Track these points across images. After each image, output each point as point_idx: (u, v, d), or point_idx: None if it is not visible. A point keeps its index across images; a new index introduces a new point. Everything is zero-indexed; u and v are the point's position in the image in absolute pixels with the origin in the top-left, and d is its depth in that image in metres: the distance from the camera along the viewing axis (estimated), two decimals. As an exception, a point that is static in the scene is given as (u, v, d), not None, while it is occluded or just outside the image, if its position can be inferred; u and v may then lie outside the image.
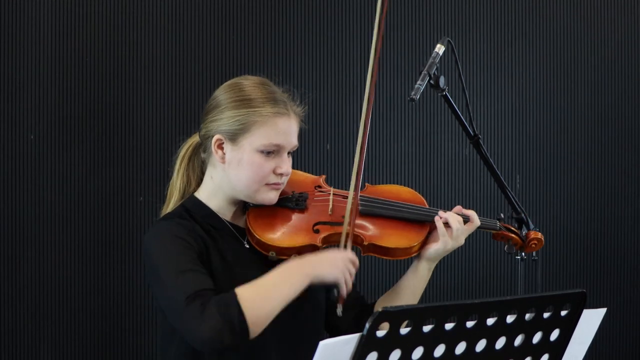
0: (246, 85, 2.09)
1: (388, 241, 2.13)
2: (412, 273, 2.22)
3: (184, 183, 2.19)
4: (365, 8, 3.46)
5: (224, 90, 2.12)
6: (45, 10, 3.26)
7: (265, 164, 2.05)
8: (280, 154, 2.06)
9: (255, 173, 2.05)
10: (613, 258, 3.67)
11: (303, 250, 2.08)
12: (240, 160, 2.05)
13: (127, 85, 3.32)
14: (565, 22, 3.63)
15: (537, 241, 2.35)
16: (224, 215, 2.13)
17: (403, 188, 2.31)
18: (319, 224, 2.12)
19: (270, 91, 2.09)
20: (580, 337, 1.75)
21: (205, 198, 2.12)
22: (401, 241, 2.14)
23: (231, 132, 2.05)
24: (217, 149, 2.07)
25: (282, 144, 2.06)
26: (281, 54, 3.42)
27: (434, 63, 2.21)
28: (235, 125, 2.04)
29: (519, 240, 2.34)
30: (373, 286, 3.44)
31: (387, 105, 3.49)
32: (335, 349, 1.48)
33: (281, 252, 2.07)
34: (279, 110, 2.06)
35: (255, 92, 2.08)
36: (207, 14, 3.38)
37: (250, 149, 2.04)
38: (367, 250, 2.15)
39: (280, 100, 2.08)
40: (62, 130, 3.27)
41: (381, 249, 2.14)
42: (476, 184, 3.53)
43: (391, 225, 2.17)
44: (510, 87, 3.59)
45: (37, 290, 3.25)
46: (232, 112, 2.05)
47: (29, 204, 3.24)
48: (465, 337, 1.57)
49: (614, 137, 3.67)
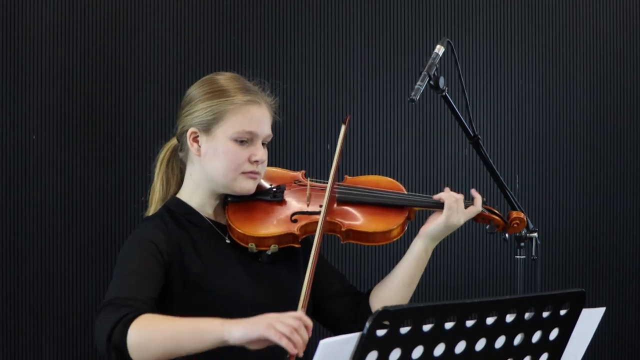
0: (219, 79, 2.16)
1: (366, 226, 2.15)
2: (408, 253, 2.21)
3: (163, 186, 2.22)
4: (365, 8, 3.47)
5: (197, 86, 2.18)
6: (47, 11, 3.27)
7: (240, 152, 2.08)
8: (254, 142, 2.10)
9: (230, 161, 2.08)
10: (612, 257, 3.68)
11: (282, 239, 2.11)
12: (215, 149, 2.09)
13: (128, 85, 3.32)
14: (564, 23, 3.64)
15: (520, 221, 2.33)
16: (205, 212, 2.16)
17: (382, 177, 2.33)
18: (296, 214, 2.14)
19: (242, 82, 2.16)
20: (580, 336, 1.75)
21: (186, 197, 2.16)
22: (379, 225, 2.15)
23: (205, 123, 2.10)
24: (193, 142, 2.12)
25: (255, 132, 2.10)
26: (280, 55, 3.43)
27: (433, 64, 2.22)
28: (209, 116, 2.09)
29: (501, 221, 2.32)
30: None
31: (387, 105, 3.49)
32: (335, 348, 1.48)
33: (260, 243, 2.09)
34: (251, 99, 2.11)
35: (227, 83, 2.14)
36: (208, 16, 3.38)
37: (224, 137, 2.09)
38: (347, 237, 2.16)
39: (252, 90, 2.14)
40: (64, 131, 3.28)
41: (360, 234, 2.15)
42: (476, 184, 3.53)
43: (369, 211, 2.18)
44: (509, 88, 3.59)
45: (38, 289, 3.26)
46: (205, 104, 2.11)
47: (30, 203, 3.25)
48: (465, 336, 1.58)
49: (613, 138, 3.68)
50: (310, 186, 2.22)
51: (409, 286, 2.20)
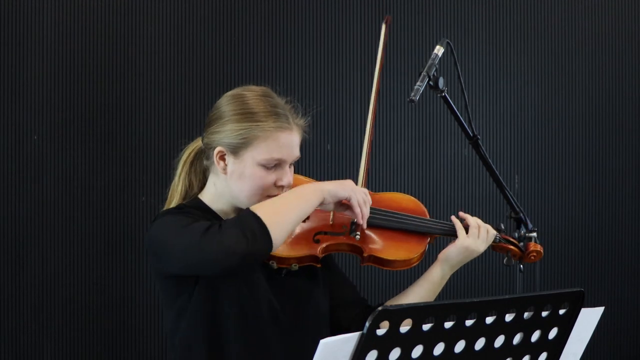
0: (249, 98, 2.08)
1: (388, 253, 2.12)
2: (424, 278, 2.21)
3: (185, 186, 2.19)
4: (367, 12, 3.48)
5: (226, 102, 2.10)
6: (48, 11, 3.27)
7: (266, 177, 2.04)
8: (282, 166, 2.06)
9: (257, 186, 2.04)
10: (611, 257, 3.69)
11: (303, 260, 2.07)
12: (241, 173, 2.05)
13: (129, 86, 3.33)
14: (563, 24, 3.64)
15: (536, 253, 2.34)
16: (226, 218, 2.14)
17: (405, 197, 2.29)
18: (319, 234, 2.11)
19: (273, 104, 2.08)
20: (579, 335, 1.76)
21: (208, 202, 2.13)
22: (400, 253, 2.13)
23: (233, 145, 2.04)
24: (219, 160, 2.07)
25: (283, 158, 2.05)
26: (283, 56, 3.43)
27: (433, 64, 2.22)
28: (238, 139, 2.04)
29: (518, 252, 2.33)
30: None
31: (387, 106, 3.50)
32: (335, 347, 1.48)
33: (281, 262, 2.06)
34: (281, 125, 2.05)
35: (258, 105, 2.06)
36: (210, 16, 3.39)
37: (252, 162, 2.04)
38: (367, 261, 2.14)
39: (283, 114, 2.07)
40: (65, 131, 3.28)
41: (381, 261, 2.13)
42: (475, 184, 3.54)
43: (391, 237, 2.16)
44: (508, 88, 3.60)
45: (40, 289, 3.27)
46: (234, 126, 2.04)
47: (32, 204, 3.26)
48: (465, 335, 1.58)
49: (611, 138, 3.68)
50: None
51: None
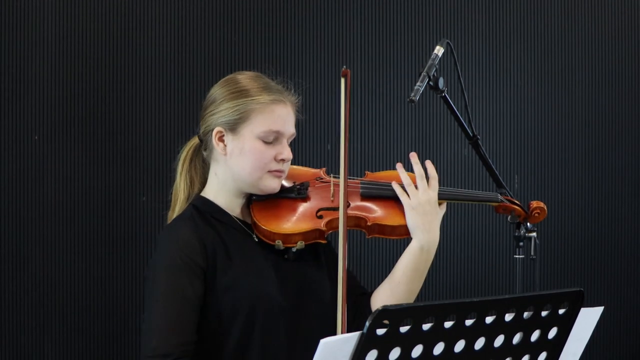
0: (241, 79, 2.16)
1: (391, 220, 2.18)
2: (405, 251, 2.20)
3: (187, 184, 2.21)
4: (364, 9, 3.48)
5: (219, 86, 2.17)
6: (48, 11, 3.28)
7: (266, 151, 2.09)
8: (280, 140, 2.11)
9: (257, 160, 2.09)
10: (610, 257, 3.69)
11: (308, 235, 2.13)
12: (242, 149, 2.10)
13: (130, 85, 3.33)
14: (562, 24, 3.65)
15: (540, 210, 2.35)
16: (232, 211, 2.16)
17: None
18: (322, 210, 2.16)
19: (265, 82, 2.16)
20: (578, 335, 1.76)
21: (212, 196, 2.15)
22: (403, 219, 2.18)
23: (231, 122, 2.10)
24: (218, 141, 2.12)
25: (281, 130, 2.11)
26: (281, 55, 3.43)
27: (433, 64, 2.23)
28: (235, 115, 2.09)
29: (522, 211, 2.35)
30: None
31: (387, 106, 3.50)
32: (335, 347, 1.48)
33: (287, 240, 2.11)
34: (276, 98, 2.12)
35: (250, 83, 2.14)
36: (209, 15, 3.39)
37: (250, 136, 2.09)
38: (372, 232, 2.19)
39: (276, 89, 2.15)
40: (65, 131, 3.29)
41: (385, 228, 2.18)
42: (475, 184, 3.54)
43: (392, 205, 2.21)
44: (508, 88, 3.60)
45: (41, 289, 3.27)
46: (230, 103, 2.11)
47: (33, 203, 3.26)
48: (464, 335, 1.58)
49: (611, 138, 3.69)
50: (334, 182, 2.24)
51: (405, 285, 2.17)
